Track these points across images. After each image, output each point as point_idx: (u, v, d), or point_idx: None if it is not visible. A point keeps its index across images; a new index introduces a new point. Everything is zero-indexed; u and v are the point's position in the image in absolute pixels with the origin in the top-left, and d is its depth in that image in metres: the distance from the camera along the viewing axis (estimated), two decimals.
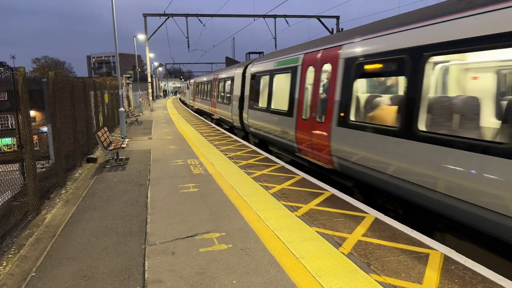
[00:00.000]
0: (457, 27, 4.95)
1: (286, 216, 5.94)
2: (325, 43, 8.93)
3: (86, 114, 12.49)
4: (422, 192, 5.42)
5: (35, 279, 4.31)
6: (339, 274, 4.12)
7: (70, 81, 10.39)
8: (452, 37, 4.98)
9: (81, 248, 5.08)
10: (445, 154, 4.97)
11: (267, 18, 38.18)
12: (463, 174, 4.73)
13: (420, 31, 5.62)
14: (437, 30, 5.28)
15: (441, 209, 5.22)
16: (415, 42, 5.66)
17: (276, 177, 8.40)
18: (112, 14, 17.42)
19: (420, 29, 5.64)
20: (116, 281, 4.18)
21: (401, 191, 5.93)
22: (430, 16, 5.56)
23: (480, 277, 3.96)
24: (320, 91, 8.74)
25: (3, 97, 7.56)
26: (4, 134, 20.63)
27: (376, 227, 5.40)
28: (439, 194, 5.10)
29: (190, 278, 4.16)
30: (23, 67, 6.21)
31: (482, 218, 4.53)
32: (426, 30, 5.50)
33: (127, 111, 26.46)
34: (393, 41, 6.20)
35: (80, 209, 6.75)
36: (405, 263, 4.32)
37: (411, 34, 5.81)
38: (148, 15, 37.71)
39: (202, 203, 6.77)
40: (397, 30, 6.18)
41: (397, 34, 6.14)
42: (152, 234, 5.43)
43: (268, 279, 4.08)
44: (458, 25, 4.94)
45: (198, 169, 9.45)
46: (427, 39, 5.43)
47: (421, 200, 5.54)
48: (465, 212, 4.76)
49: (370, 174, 6.62)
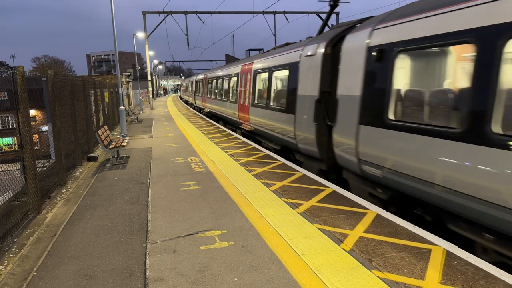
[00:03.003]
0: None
1: (287, 213, 5.93)
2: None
3: (86, 112, 12.46)
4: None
5: (36, 278, 4.31)
6: (340, 271, 4.11)
7: (69, 80, 10.36)
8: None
9: (82, 247, 5.08)
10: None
11: (266, 14, 38.07)
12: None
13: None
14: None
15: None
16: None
17: (277, 174, 8.38)
18: (111, 13, 17.38)
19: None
20: (118, 280, 4.17)
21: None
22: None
23: (482, 272, 3.95)
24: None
25: (3, 97, 7.55)
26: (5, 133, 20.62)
27: (378, 223, 5.38)
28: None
29: (192, 276, 4.15)
30: (22, 66, 6.18)
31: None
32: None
33: (128, 109, 26.43)
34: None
35: (81, 208, 6.74)
36: (407, 259, 4.30)
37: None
38: (147, 13, 37.62)
39: (203, 200, 6.75)
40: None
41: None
42: (153, 232, 5.42)
43: (270, 276, 4.07)
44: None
45: (199, 167, 9.43)
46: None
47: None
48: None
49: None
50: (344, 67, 7.64)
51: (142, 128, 19.33)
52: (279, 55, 11.77)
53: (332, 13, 11.91)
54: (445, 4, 5.23)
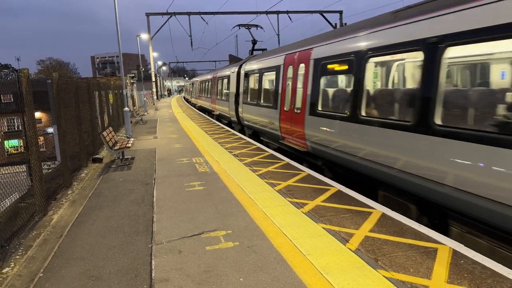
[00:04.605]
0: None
1: (292, 213, 5.92)
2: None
3: (91, 114, 12.53)
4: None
5: (43, 279, 4.33)
6: (346, 270, 4.10)
7: (74, 82, 10.42)
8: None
9: (88, 248, 5.10)
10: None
11: (269, 14, 38.07)
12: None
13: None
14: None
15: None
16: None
17: (282, 174, 8.37)
18: (115, 14, 17.45)
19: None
20: (123, 281, 4.19)
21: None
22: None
23: (489, 271, 3.92)
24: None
25: (9, 99, 7.60)
26: (11, 136, 20.75)
27: (383, 223, 5.36)
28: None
29: (197, 276, 4.16)
30: (27, 68, 6.22)
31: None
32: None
33: (132, 111, 26.52)
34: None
35: (86, 209, 6.77)
36: (413, 258, 4.28)
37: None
38: (151, 14, 37.74)
39: (208, 201, 6.76)
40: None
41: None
42: (159, 233, 5.44)
43: (275, 276, 4.07)
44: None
45: (203, 167, 9.44)
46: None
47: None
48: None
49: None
50: (239, 79, 17.31)
51: (146, 129, 19.39)
52: (223, 70, 22.74)
53: (254, 50, 21.02)
54: (269, 56, 13.43)
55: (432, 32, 5.52)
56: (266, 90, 13.54)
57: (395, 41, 6.36)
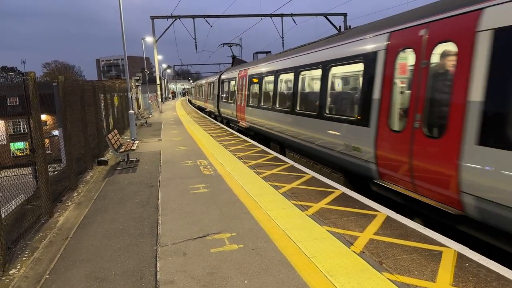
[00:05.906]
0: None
1: (296, 216, 5.93)
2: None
3: (96, 117, 12.61)
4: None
5: (49, 281, 4.37)
6: (351, 273, 4.10)
7: (80, 85, 10.51)
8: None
9: (94, 250, 5.13)
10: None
11: (274, 17, 38.12)
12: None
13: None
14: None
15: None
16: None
17: (286, 177, 8.38)
18: (120, 18, 17.57)
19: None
20: (129, 283, 4.21)
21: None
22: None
23: (494, 274, 3.91)
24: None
25: (15, 102, 7.67)
26: (17, 138, 20.89)
27: (388, 225, 5.36)
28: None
29: (202, 278, 4.17)
30: (33, 72, 6.28)
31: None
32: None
33: (137, 113, 26.64)
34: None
35: (92, 211, 6.81)
36: (418, 261, 4.27)
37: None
38: (156, 18, 37.91)
39: (213, 203, 6.78)
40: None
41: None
42: (164, 235, 5.46)
43: (280, 279, 4.07)
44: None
45: (208, 170, 9.47)
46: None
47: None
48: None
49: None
50: (219, 85, 25.19)
51: (151, 131, 19.47)
52: (211, 78, 33.24)
53: (233, 62, 28.39)
54: (233, 70, 22.70)
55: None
56: (231, 92, 20.95)
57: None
